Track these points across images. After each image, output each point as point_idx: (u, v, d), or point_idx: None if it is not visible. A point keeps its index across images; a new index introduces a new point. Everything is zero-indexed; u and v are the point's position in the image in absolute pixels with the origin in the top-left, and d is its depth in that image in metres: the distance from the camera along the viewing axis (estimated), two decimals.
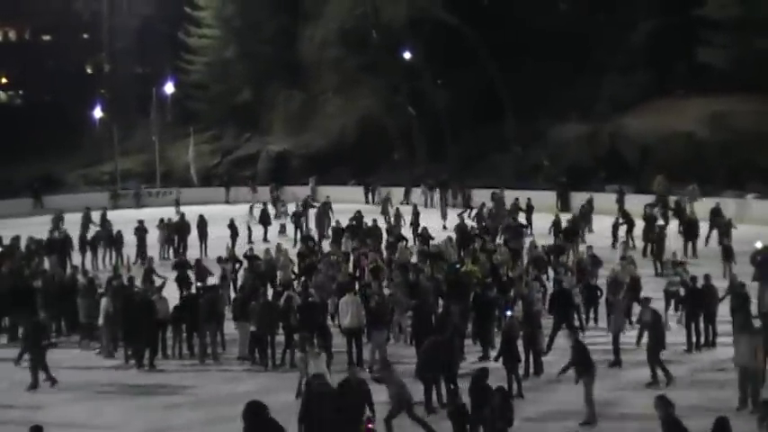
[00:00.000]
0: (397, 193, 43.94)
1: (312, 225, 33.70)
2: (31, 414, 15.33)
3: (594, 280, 21.43)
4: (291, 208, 37.22)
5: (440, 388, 15.34)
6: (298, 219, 33.72)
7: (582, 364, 14.69)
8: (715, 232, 28.35)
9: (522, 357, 16.57)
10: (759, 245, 22.75)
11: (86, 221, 33.05)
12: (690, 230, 28.22)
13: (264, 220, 34.33)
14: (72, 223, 33.12)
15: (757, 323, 16.77)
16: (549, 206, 38.67)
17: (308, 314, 18.11)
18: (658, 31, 42.95)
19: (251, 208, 38.97)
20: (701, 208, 32.42)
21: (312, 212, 34.99)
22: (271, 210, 38.02)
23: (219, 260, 23.81)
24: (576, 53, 43.49)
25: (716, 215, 29.22)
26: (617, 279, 20.32)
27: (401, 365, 17.70)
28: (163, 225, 31.64)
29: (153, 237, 31.14)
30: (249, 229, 33.58)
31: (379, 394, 13.76)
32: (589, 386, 14.48)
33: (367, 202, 44.56)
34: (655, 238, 26.89)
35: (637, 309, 18.48)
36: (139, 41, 62.15)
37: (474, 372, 13.50)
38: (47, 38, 73.26)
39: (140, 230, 30.66)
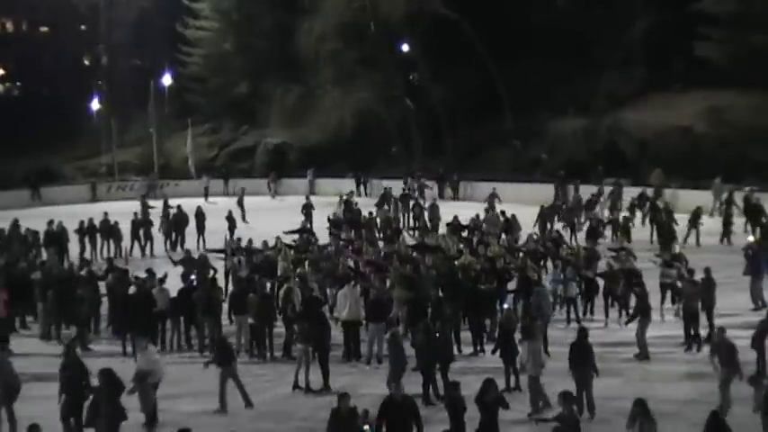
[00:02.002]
0: (395, 186, 44.09)
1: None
2: (24, 407, 15.34)
3: (591, 273, 21.53)
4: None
5: (436, 381, 15.45)
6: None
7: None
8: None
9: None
10: (750, 238, 22.89)
11: (145, 209, 33.42)
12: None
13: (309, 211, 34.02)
14: (66, 215, 33.02)
15: (755, 318, 16.89)
16: (547, 200, 38.79)
17: (308, 307, 18.13)
18: (656, 26, 43.03)
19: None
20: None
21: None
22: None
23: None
24: (574, 48, 43.51)
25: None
26: (613, 271, 20.46)
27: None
28: (165, 217, 31.76)
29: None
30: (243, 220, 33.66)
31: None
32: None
33: (359, 195, 44.82)
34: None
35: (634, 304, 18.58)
36: (137, 34, 61.95)
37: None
38: (44, 30, 72.99)
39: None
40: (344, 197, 34.52)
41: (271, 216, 36.21)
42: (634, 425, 11.65)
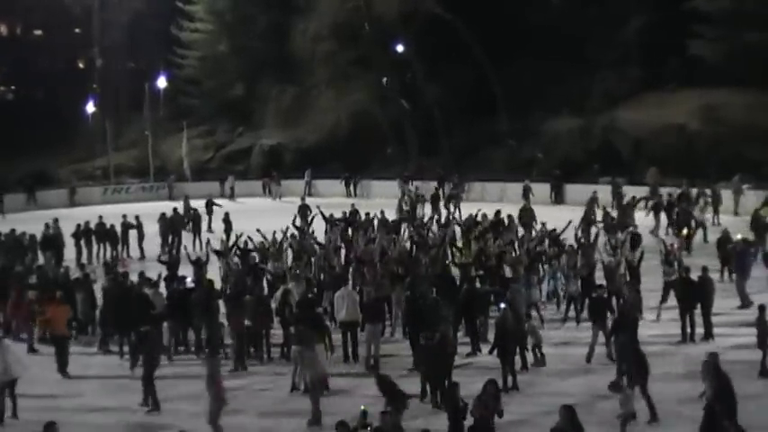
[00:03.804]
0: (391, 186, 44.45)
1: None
2: (24, 408, 15.35)
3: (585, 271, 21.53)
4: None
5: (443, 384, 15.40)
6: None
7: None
8: None
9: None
10: (738, 236, 22.95)
11: (187, 209, 33.84)
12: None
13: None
14: (62, 218, 33.00)
15: (749, 316, 16.92)
16: (543, 199, 38.90)
17: (303, 309, 18.12)
18: (650, 25, 43.10)
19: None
20: (745, 201, 32.36)
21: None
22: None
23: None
24: (569, 47, 43.56)
25: None
26: (611, 270, 20.47)
27: (397, 359, 17.97)
28: (163, 218, 31.77)
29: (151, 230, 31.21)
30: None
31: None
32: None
33: (348, 195, 44.99)
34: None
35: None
36: (131, 36, 61.92)
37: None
38: (38, 33, 72.95)
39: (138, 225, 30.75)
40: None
41: (274, 217, 36.01)
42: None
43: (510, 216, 28.15)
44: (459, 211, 34.20)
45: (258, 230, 24.64)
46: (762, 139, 36.81)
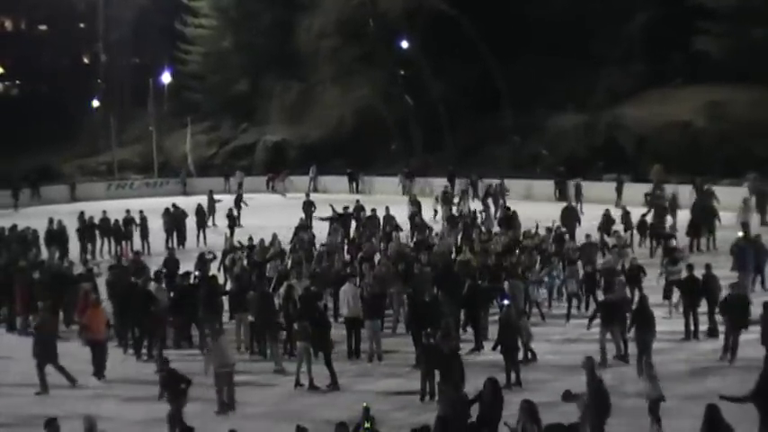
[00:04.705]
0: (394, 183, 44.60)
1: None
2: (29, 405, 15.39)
3: (591, 267, 21.55)
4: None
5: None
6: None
7: None
8: None
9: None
10: (740, 234, 22.92)
11: (212, 203, 34.39)
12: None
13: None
14: (67, 213, 33.07)
15: (754, 313, 16.89)
16: (547, 196, 38.85)
17: (306, 305, 18.12)
18: (655, 21, 43.00)
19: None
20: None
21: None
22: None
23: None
24: (574, 44, 43.47)
25: None
26: (613, 267, 20.47)
27: (399, 355, 17.98)
28: (167, 213, 31.82)
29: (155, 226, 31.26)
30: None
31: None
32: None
33: (351, 192, 45.03)
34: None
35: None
36: (136, 32, 61.97)
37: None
38: (43, 28, 73.04)
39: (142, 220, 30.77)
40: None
41: (279, 214, 36.04)
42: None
43: (514, 212, 28.17)
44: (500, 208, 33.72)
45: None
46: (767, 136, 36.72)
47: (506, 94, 46.64)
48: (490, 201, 34.60)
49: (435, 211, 32.68)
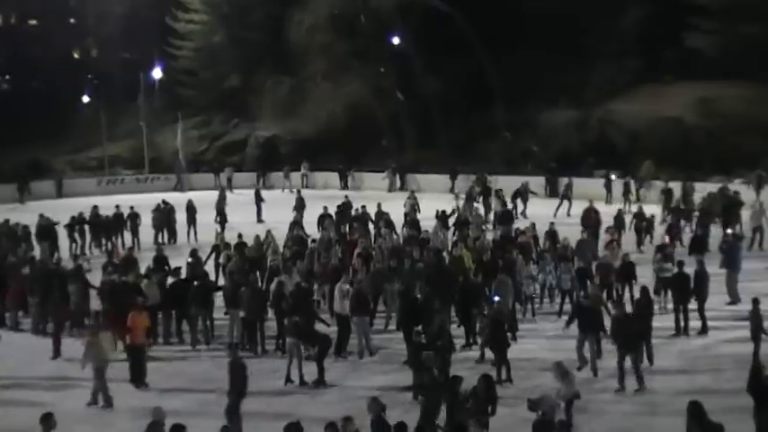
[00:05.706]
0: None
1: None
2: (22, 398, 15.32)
3: (585, 263, 21.56)
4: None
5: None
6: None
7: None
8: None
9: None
10: (729, 231, 22.95)
11: (222, 197, 34.23)
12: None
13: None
14: (56, 208, 32.89)
15: (743, 309, 16.92)
16: (539, 192, 38.80)
17: (297, 301, 18.09)
18: (647, 17, 43.07)
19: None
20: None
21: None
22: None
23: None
24: (566, 39, 43.47)
25: None
26: (608, 264, 20.47)
27: (391, 351, 17.96)
28: (157, 209, 31.71)
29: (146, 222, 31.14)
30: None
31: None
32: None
33: (341, 188, 44.95)
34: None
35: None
36: (127, 26, 61.62)
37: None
38: (33, 23, 72.67)
39: (132, 216, 30.65)
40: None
41: (273, 209, 35.90)
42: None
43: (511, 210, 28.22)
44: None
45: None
46: (758, 132, 36.78)
47: (499, 89, 46.61)
48: (519, 200, 34.49)
49: (453, 210, 31.82)
